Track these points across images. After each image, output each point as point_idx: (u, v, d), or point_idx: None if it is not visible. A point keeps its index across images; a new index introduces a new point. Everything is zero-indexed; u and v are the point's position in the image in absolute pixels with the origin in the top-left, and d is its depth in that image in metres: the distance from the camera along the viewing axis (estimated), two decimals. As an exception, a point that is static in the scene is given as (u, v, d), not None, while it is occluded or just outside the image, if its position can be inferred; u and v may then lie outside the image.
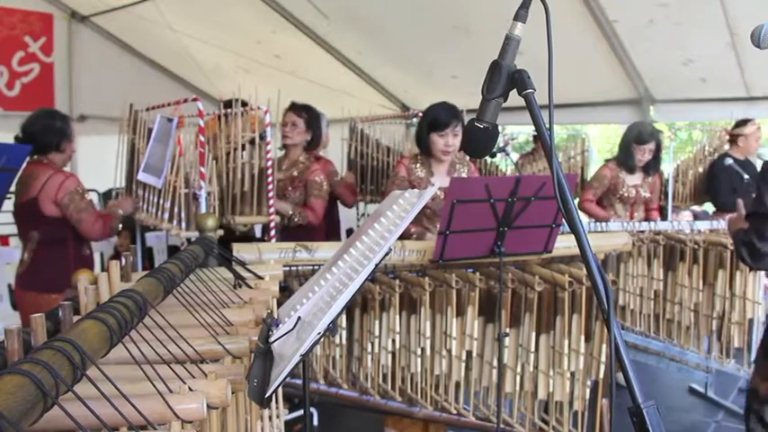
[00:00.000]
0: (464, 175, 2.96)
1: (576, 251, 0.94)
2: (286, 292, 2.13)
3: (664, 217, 4.20)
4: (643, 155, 3.87)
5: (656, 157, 3.93)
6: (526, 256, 2.48)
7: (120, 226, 3.25)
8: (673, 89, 4.78)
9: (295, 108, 3.46)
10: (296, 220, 3.30)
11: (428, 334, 2.43)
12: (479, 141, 1.12)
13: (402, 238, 2.54)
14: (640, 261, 3.65)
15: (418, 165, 2.92)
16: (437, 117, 2.82)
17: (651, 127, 3.96)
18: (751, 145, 4.36)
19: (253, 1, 5.00)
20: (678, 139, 6.23)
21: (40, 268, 2.97)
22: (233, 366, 1.08)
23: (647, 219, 4.01)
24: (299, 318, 1.21)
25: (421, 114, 3.19)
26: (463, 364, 2.48)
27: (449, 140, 2.81)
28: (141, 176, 3.23)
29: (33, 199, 2.89)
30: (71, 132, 3.04)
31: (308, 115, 3.44)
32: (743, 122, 4.41)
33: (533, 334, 2.49)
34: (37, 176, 2.88)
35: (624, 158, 3.93)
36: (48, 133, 2.93)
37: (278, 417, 1.90)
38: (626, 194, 3.95)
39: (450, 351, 2.46)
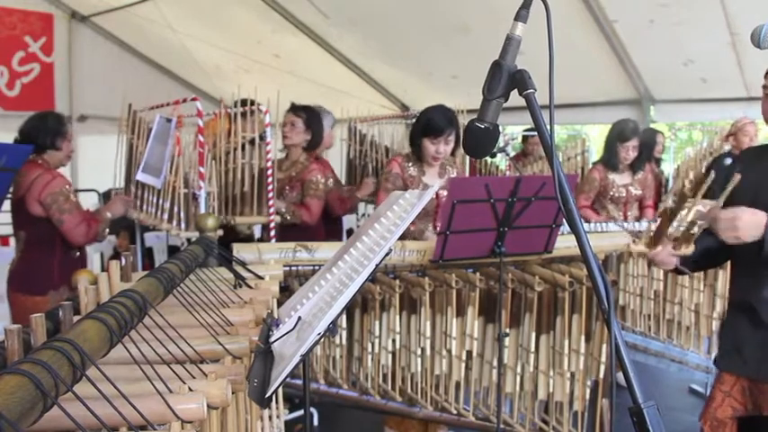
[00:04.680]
0: (453, 175, 2.94)
1: (577, 251, 0.94)
2: (286, 292, 2.13)
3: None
4: (627, 153, 3.84)
5: (642, 153, 3.90)
6: (526, 256, 2.48)
7: (119, 226, 3.22)
8: (673, 89, 4.79)
9: (294, 109, 3.46)
10: (288, 218, 3.28)
11: (428, 334, 2.43)
12: (480, 141, 1.12)
13: (400, 237, 2.54)
14: (641, 261, 3.65)
15: (411, 164, 2.90)
16: (432, 123, 2.77)
17: (633, 124, 3.92)
18: (741, 140, 4.30)
19: (253, 1, 5.01)
20: (678, 140, 6.24)
21: (25, 269, 2.95)
22: (233, 366, 1.07)
23: (641, 216, 3.99)
24: (299, 318, 1.21)
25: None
26: (463, 364, 2.48)
27: (440, 147, 2.78)
28: (140, 176, 3.23)
29: (21, 198, 2.88)
30: (66, 131, 3.01)
31: (307, 115, 3.44)
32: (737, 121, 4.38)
33: (533, 334, 2.49)
34: (26, 175, 2.87)
35: (609, 158, 3.90)
36: (41, 132, 2.91)
37: (278, 417, 1.90)
38: (617, 195, 3.92)
39: (450, 351, 2.46)
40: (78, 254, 3.06)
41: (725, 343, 1.95)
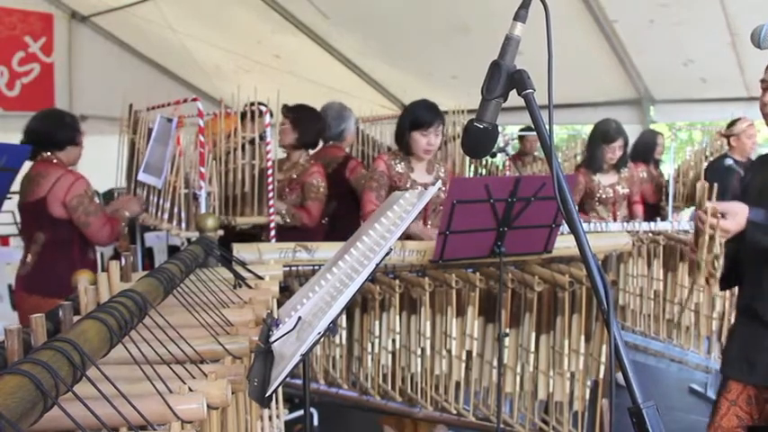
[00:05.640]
0: (442, 174, 2.94)
1: (576, 251, 0.94)
2: (286, 292, 2.13)
3: (663, 217, 4.19)
4: (614, 153, 3.77)
5: (625, 152, 3.84)
6: (526, 256, 2.48)
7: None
8: (673, 89, 4.79)
9: (283, 110, 3.42)
10: (287, 221, 3.26)
11: (428, 334, 2.43)
12: (479, 141, 1.12)
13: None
14: (640, 261, 3.65)
15: (398, 161, 2.90)
16: (420, 116, 2.78)
17: (616, 123, 3.83)
18: (744, 143, 4.25)
19: (253, 1, 5.01)
20: (678, 140, 6.23)
21: (44, 271, 2.90)
22: (233, 366, 1.08)
23: (630, 214, 3.96)
24: (299, 318, 1.21)
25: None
26: (463, 365, 2.48)
27: (431, 139, 2.79)
28: (141, 177, 3.23)
29: (42, 199, 2.82)
30: (80, 128, 3.00)
31: (294, 115, 3.39)
32: (733, 122, 4.35)
33: (533, 334, 2.49)
34: (46, 176, 2.82)
35: (593, 161, 3.84)
36: (61, 129, 2.88)
37: (278, 417, 1.90)
38: (604, 195, 3.85)
39: (450, 351, 2.46)
40: (92, 255, 3.05)
41: (732, 351, 1.92)
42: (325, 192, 3.37)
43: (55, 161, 2.88)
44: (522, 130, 5.37)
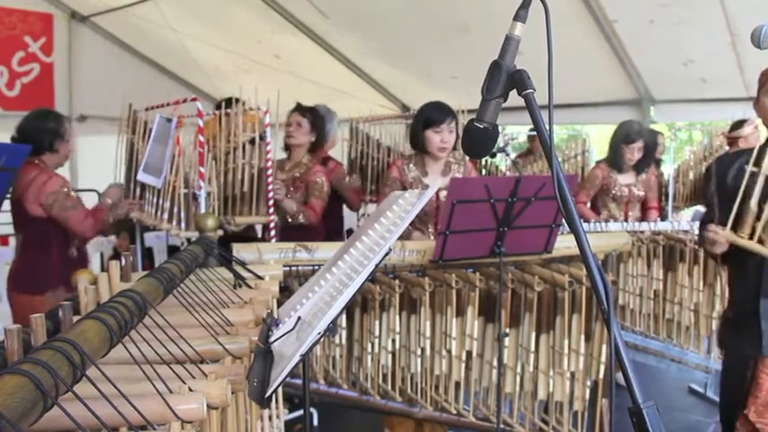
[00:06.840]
0: (459, 175, 2.95)
1: (576, 251, 0.94)
2: (286, 292, 2.13)
3: (663, 217, 4.19)
4: (632, 154, 3.86)
5: (647, 155, 3.91)
6: (526, 256, 2.48)
7: (120, 226, 3.22)
8: (673, 89, 4.78)
9: (300, 109, 3.51)
10: (300, 219, 3.35)
11: (428, 334, 2.44)
12: (479, 141, 1.12)
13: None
14: (640, 261, 3.65)
15: (411, 165, 2.91)
16: (432, 114, 2.82)
17: (639, 125, 3.94)
18: (752, 145, 4.27)
19: (253, 1, 5.00)
20: (678, 140, 6.22)
21: (23, 269, 2.97)
22: (233, 366, 1.08)
23: (644, 217, 3.99)
24: (299, 318, 1.21)
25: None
26: (463, 365, 2.48)
27: (444, 137, 2.81)
28: (141, 176, 3.23)
29: (17, 200, 2.89)
30: (65, 132, 2.98)
31: (313, 117, 3.49)
32: (739, 124, 4.33)
33: (533, 334, 2.49)
34: (22, 177, 2.86)
35: (614, 159, 3.93)
36: (39, 134, 2.90)
37: (278, 417, 1.90)
38: (618, 194, 3.93)
39: (450, 351, 2.46)
40: (77, 253, 3.06)
41: (766, 333, 2.11)
42: (328, 191, 3.49)
43: (36, 162, 2.91)
44: (531, 130, 5.37)
